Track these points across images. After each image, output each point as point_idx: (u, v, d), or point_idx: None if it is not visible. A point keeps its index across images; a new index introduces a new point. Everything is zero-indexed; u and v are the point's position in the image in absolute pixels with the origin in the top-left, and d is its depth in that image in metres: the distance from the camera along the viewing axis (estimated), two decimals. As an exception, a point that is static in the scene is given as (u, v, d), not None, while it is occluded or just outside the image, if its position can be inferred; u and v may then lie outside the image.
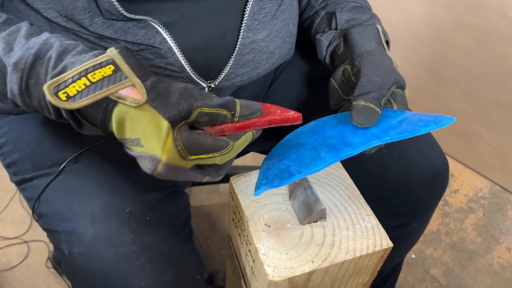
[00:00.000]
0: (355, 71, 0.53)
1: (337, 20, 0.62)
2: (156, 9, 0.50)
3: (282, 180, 0.43)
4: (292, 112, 0.45)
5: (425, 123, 0.45)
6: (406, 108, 0.51)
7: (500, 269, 1.17)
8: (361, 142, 0.44)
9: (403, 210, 0.66)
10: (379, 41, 0.57)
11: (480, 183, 1.40)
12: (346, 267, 0.48)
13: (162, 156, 0.39)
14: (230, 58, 0.57)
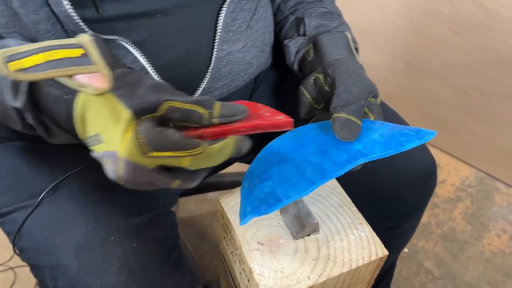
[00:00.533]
0: (328, 80, 0.51)
1: (306, 26, 0.60)
2: (124, 28, 0.48)
3: (269, 206, 0.41)
4: (282, 116, 0.43)
5: (408, 138, 0.44)
6: (381, 117, 0.50)
7: (491, 256, 1.18)
8: (346, 160, 0.43)
9: (394, 213, 0.65)
10: (349, 49, 0.56)
11: (466, 172, 1.41)
12: (343, 279, 0.47)
13: (120, 150, 0.34)
14: (207, 72, 0.55)
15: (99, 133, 0.36)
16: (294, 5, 0.65)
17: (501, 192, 1.35)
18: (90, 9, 0.45)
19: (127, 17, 0.48)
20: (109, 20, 0.47)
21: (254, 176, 0.46)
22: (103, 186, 0.53)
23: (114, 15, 0.47)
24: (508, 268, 1.15)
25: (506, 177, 1.36)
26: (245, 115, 0.40)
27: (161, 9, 0.49)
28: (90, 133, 0.37)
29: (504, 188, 1.36)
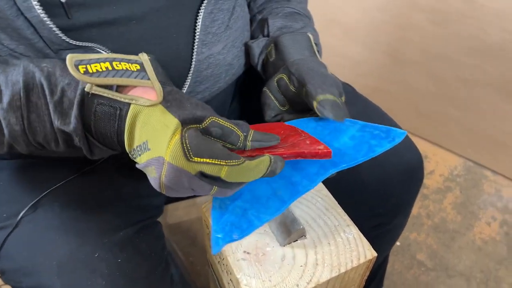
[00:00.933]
0: (293, 79, 0.51)
1: (269, 27, 0.60)
2: (99, 35, 0.47)
3: (242, 232, 0.40)
4: (322, 146, 0.43)
5: (378, 142, 0.44)
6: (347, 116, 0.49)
7: (483, 245, 1.18)
8: (317, 173, 0.42)
9: (383, 210, 0.65)
10: (311, 50, 0.56)
11: (454, 161, 1.42)
12: (333, 284, 0.46)
13: (166, 154, 0.36)
14: (188, 76, 0.54)
15: (146, 140, 0.38)
16: (262, 4, 0.65)
17: (489, 180, 1.36)
18: (62, 16, 0.44)
19: (101, 24, 0.46)
20: (83, 28, 0.46)
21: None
22: (85, 201, 0.52)
23: (87, 22, 0.45)
24: (499, 255, 1.16)
25: (493, 164, 1.37)
26: (278, 141, 0.43)
27: (135, 15, 0.48)
28: (137, 142, 0.39)
29: (492, 176, 1.36)
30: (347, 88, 0.71)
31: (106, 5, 0.45)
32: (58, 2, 0.42)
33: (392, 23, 1.34)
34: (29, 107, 0.40)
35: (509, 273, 1.12)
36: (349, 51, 1.49)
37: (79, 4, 0.44)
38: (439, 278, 1.11)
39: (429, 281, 1.10)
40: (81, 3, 0.44)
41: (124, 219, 0.53)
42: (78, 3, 0.43)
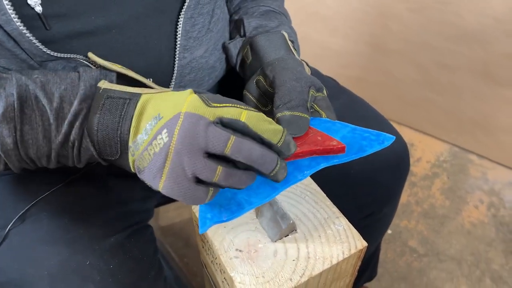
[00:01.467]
0: (269, 80, 0.51)
1: (245, 27, 0.60)
2: (80, 46, 0.46)
3: (231, 213, 0.40)
4: (335, 142, 0.43)
5: (369, 143, 0.44)
6: (332, 112, 0.50)
7: (472, 228, 1.20)
8: (308, 165, 0.42)
9: (371, 200, 0.65)
10: (287, 48, 0.56)
11: (440, 148, 1.44)
12: (325, 276, 0.47)
13: (184, 106, 0.36)
14: (171, 82, 0.54)
15: (159, 113, 0.37)
16: (238, 4, 0.65)
17: (475, 164, 1.38)
18: (40, 29, 0.43)
19: (80, 35, 0.46)
20: (63, 39, 0.45)
21: None
22: (72, 210, 0.51)
23: (67, 33, 0.45)
24: (488, 237, 1.18)
25: (478, 149, 1.39)
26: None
27: (115, 24, 0.48)
28: (147, 120, 0.38)
29: (477, 160, 1.39)
30: (331, 82, 0.71)
31: (84, 16, 0.45)
32: (35, 14, 0.42)
33: (372, 14, 1.35)
34: (22, 118, 0.39)
35: (499, 253, 1.14)
36: (331, 43, 1.49)
37: (57, 15, 0.43)
38: (431, 263, 1.12)
39: (422, 266, 1.11)
40: (59, 14, 0.43)
41: (114, 225, 0.52)
42: (56, 14, 0.43)
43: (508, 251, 1.14)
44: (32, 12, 0.42)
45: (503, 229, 1.20)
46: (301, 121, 0.45)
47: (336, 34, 1.46)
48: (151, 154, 0.37)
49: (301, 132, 0.45)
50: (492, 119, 1.30)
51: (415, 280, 1.09)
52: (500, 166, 1.36)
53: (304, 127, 0.45)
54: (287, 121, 0.45)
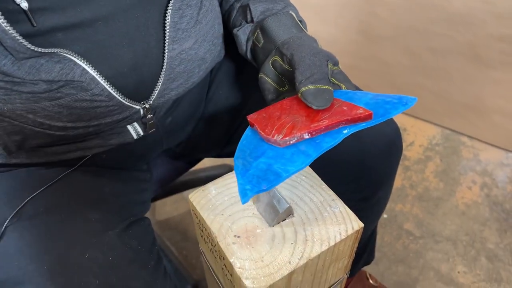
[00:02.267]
0: (286, 59, 0.51)
1: (252, 13, 0.60)
2: (65, 40, 0.46)
3: (269, 183, 0.40)
4: (361, 110, 0.43)
5: (393, 106, 0.44)
6: (351, 84, 0.51)
7: (466, 209, 1.22)
8: (337, 131, 0.43)
9: (365, 184, 0.66)
10: (298, 27, 0.56)
11: (432, 131, 1.45)
12: (324, 257, 0.47)
13: None
14: (160, 74, 0.54)
15: None
16: None
17: (467, 146, 1.39)
18: (24, 22, 0.43)
19: (66, 28, 0.45)
20: (47, 33, 0.45)
21: (246, 154, 0.45)
22: (68, 205, 0.52)
23: (52, 27, 0.44)
24: (482, 217, 1.20)
25: (469, 130, 1.40)
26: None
27: (101, 16, 0.47)
28: None
29: (469, 141, 1.40)
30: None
31: (70, 8, 0.44)
32: (20, 9, 0.41)
33: (361, 1, 1.35)
34: None
35: (493, 232, 1.16)
36: (321, 31, 1.49)
37: (42, 9, 0.43)
38: (427, 245, 1.14)
39: (418, 248, 1.13)
40: (44, 8, 0.43)
41: (111, 218, 0.52)
42: (41, 8, 0.42)
43: (502, 230, 1.16)
44: (16, 8, 0.41)
45: (497, 208, 1.21)
46: (326, 93, 0.45)
47: (326, 23, 1.47)
48: None
49: (327, 104, 0.45)
50: (482, 101, 1.31)
51: (412, 262, 1.10)
52: (492, 146, 1.38)
53: (330, 99, 0.45)
54: (312, 95, 0.45)
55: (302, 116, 0.45)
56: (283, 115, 0.47)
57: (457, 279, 1.06)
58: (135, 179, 0.64)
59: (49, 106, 0.47)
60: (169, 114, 0.63)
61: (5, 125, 0.49)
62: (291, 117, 0.46)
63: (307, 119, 0.45)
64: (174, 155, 0.81)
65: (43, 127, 0.50)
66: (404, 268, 1.09)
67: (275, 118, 0.47)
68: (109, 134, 0.56)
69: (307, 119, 0.45)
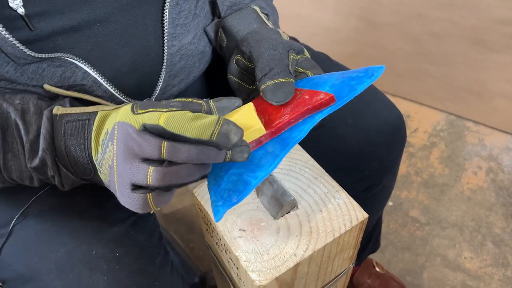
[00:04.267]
0: (246, 56, 0.50)
1: (219, 8, 0.59)
2: (65, 43, 0.46)
3: (240, 193, 0.40)
4: (322, 94, 0.42)
5: (358, 80, 0.42)
6: (318, 68, 0.49)
7: (471, 194, 1.22)
8: (303, 122, 0.42)
9: (370, 172, 0.66)
10: (260, 21, 0.55)
11: (436, 117, 1.44)
12: (329, 249, 0.48)
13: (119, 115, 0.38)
14: (161, 71, 0.53)
15: (108, 127, 0.39)
16: None
17: (472, 130, 1.38)
18: (24, 28, 0.43)
19: (65, 32, 0.45)
20: (47, 37, 0.45)
21: (217, 168, 0.44)
22: (74, 202, 0.52)
23: (51, 31, 0.44)
24: (488, 202, 1.19)
25: (473, 115, 1.39)
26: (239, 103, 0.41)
27: (99, 17, 0.47)
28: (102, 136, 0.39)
29: (474, 126, 1.39)
30: (322, 57, 0.71)
31: (68, 11, 0.44)
32: (17, 15, 0.41)
33: (361, -13, 1.33)
34: (4, 146, 0.41)
35: (499, 217, 1.15)
36: (322, 19, 1.48)
37: (40, 14, 0.42)
38: (433, 231, 1.14)
39: (424, 235, 1.13)
40: (42, 13, 0.43)
41: (116, 214, 0.53)
42: (39, 13, 0.42)
43: (508, 214, 1.16)
44: (14, 14, 0.41)
45: (503, 193, 1.21)
46: (285, 86, 0.44)
47: (326, 10, 1.45)
48: (107, 168, 0.38)
49: (287, 97, 0.43)
50: (486, 85, 1.30)
51: (418, 249, 1.10)
52: (497, 131, 1.37)
53: (290, 92, 0.44)
54: (271, 91, 0.44)
55: (266, 116, 0.44)
56: None
57: (464, 265, 1.06)
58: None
59: None
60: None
61: None
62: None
63: (270, 118, 0.43)
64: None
65: None
66: (411, 255, 1.09)
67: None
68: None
69: (270, 117, 0.43)
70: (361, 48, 1.48)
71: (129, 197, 0.36)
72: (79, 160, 0.41)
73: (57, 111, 0.41)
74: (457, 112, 1.42)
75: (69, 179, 0.43)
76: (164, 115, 0.35)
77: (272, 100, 0.44)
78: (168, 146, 0.34)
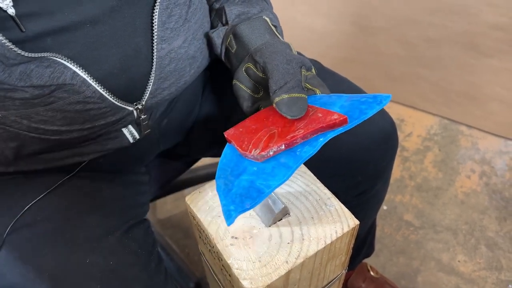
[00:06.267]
0: (259, 66, 0.51)
1: (227, 15, 0.59)
2: (54, 44, 0.46)
3: (253, 200, 0.40)
4: (336, 115, 0.43)
5: (368, 106, 0.44)
6: (325, 88, 0.50)
7: (465, 198, 1.22)
8: (316, 138, 0.43)
9: (363, 178, 0.66)
10: (271, 33, 0.56)
11: (430, 121, 1.45)
12: (321, 256, 0.48)
13: None
14: (150, 74, 0.54)
15: None
16: None
17: (465, 134, 1.39)
18: (13, 29, 0.43)
19: (55, 32, 0.46)
20: (37, 38, 0.45)
21: (227, 173, 0.45)
22: (67, 211, 0.52)
23: (41, 31, 0.45)
24: (482, 205, 1.20)
25: (467, 119, 1.40)
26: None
27: (88, 19, 0.47)
28: None
29: (467, 130, 1.40)
30: (315, 64, 0.72)
31: (58, 12, 0.45)
32: (7, 16, 0.41)
33: (354, -8, 1.35)
34: None
35: (493, 221, 1.16)
36: (316, 24, 1.49)
37: (30, 14, 0.43)
38: (427, 235, 1.14)
39: (418, 239, 1.14)
40: (32, 13, 0.43)
41: (110, 222, 0.53)
42: (29, 14, 0.43)
43: (501, 218, 1.17)
44: (4, 15, 0.41)
45: (496, 196, 1.22)
46: (300, 101, 0.45)
47: (320, 16, 1.46)
48: None
49: (301, 113, 0.45)
50: (479, 89, 1.31)
51: (413, 252, 1.11)
52: (490, 135, 1.38)
53: (304, 107, 0.45)
54: (286, 105, 0.45)
55: (278, 127, 0.45)
56: (259, 128, 0.47)
57: (458, 268, 1.07)
58: (133, 182, 0.65)
59: (43, 111, 0.48)
60: (164, 115, 0.64)
61: (1, 132, 0.50)
62: (268, 129, 0.45)
63: (283, 130, 0.45)
64: (171, 156, 0.81)
65: (38, 132, 0.50)
66: (405, 259, 1.10)
67: (252, 132, 0.47)
68: (105, 139, 0.56)
69: (284, 129, 0.45)
70: (355, 53, 1.49)
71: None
72: None
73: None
74: (451, 116, 1.43)
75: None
76: None
77: (287, 114, 0.45)
78: None
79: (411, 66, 1.40)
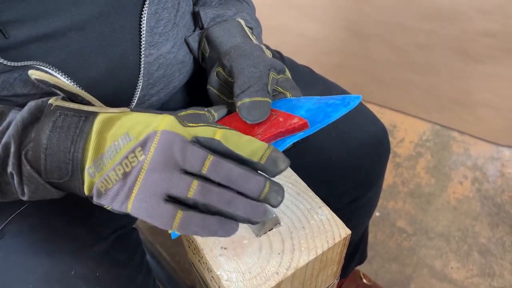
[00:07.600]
0: (227, 70, 0.50)
1: (202, 19, 0.59)
2: (39, 51, 0.45)
3: None
4: (296, 119, 0.42)
5: (334, 108, 0.43)
6: (298, 90, 0.49)
7: (457, 204, 1.22)
8: (274, 144, 0.42)
9: (355, 185, 0.66)
10: (244, 35, 0.55)
11: (422, 127, 1.45)
12: (312, 266, 0.47)
13: (160, 125, 0.35)
14: (138, 80, 0.53)
15: (127, 132, 0.36)
16: None
17: (457, 140, 1.40)
18: None
19: (39, 39, 0.44)
20: (21, 45, 0.44)
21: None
22: (53, 221, 0.51)
23: (25, 38, 0.43)
24: (474, 211, 1.20)
25: (459, 125, 1.41)
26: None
27: (74, 25, 0.46)
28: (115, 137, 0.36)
29: (459, 136, 1.40)
30: (306, 71, 0.71)
31: (42, 18, 0.43)
32: None
33: (346, -2, 1.35)
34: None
35: (485, 227, 1.16)
36: (309, 30, 1.49)
37: (14, 21, 0.42)
38: (420, 241, 1.14)
39: (411, 245, 1.13)
40: (15, 20, 0.42)
41: (97, 232, 0.52)
42: (12, 20, 0.42)
43: (493, 224, 1.17)
44: None
45: (488, 202, 1.22)
46: (262, 105, 0.44)
47: (312, 22, 1.46)
48: (119, 175, 0.35)
49: (262, 117, 0.44)
50: (471, 95, 1.32)
51: (405, 259, 1.10)
52: (482, 141, 1.38)
53: (266, 112, 0.44)
54: (247, 108, 0.44)
55: None
56: None
57: (451, 275, 1.07)
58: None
59: None
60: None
61: None
62: None
63: None
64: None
65: None
66: (398, 266, 1.09)
67: None
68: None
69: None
70: (347, 59, 1.49)
71: (158, 208, 0.34)
72: (58, 157, 0.37)
73: (55, 101, 0.37)
74: (443, 122, 1.43)
75: (32, 181, 0.38)
76: (221, 130, 0.36)
77: (246, 118, 0.44)
78: (213, 159, 0.34)
79: (403, 72, 1.40)
